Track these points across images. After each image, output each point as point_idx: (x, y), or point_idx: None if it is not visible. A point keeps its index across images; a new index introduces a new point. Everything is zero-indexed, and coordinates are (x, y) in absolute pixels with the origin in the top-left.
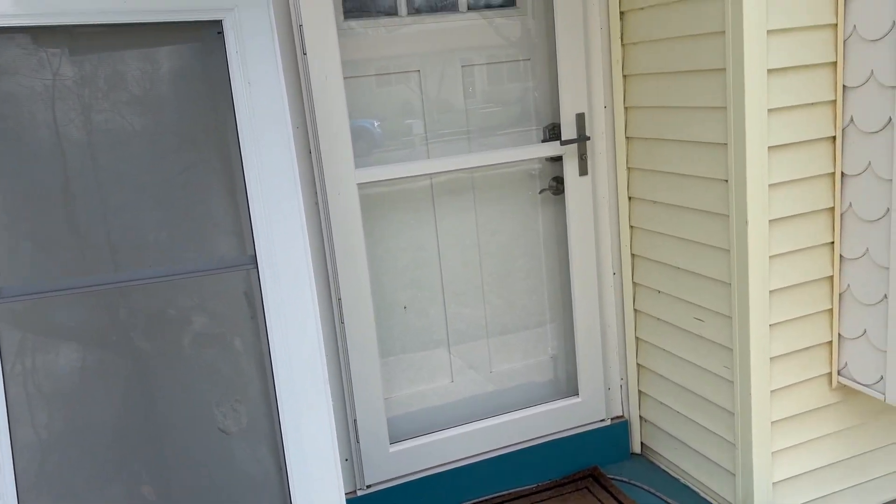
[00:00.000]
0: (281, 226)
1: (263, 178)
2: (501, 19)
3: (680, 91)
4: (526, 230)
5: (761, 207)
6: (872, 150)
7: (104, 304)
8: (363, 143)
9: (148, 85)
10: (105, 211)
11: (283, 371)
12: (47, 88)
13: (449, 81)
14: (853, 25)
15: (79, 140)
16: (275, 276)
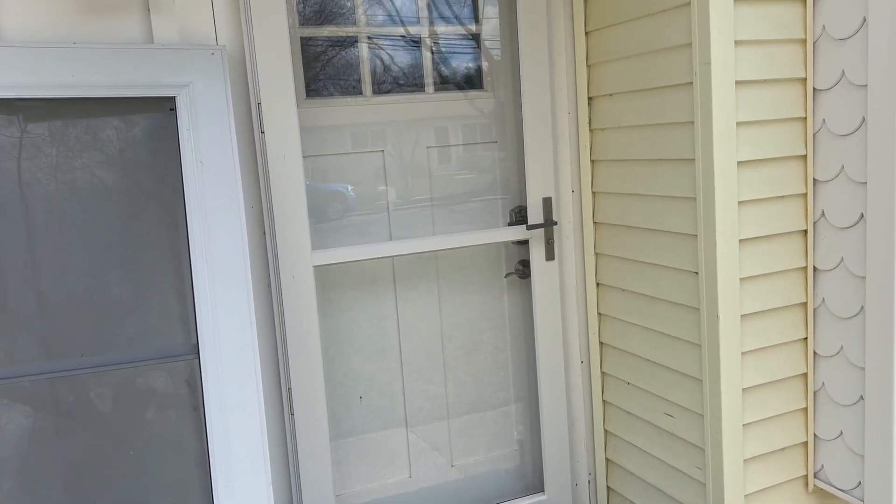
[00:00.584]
0: (227, 315)
1: (211, 263)
2: (469, 101)
3: (649, 179)
4: (491, 315)
5: (732, 301)
6: (845, 246)
7: (37, 393)
8: (337, 206)
9: (96, 163)
10: (42, 297)
11: (222, 470)
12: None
13: (414, 162)
14: (822, 119)
15: (14, 216)
16: (218, 368)
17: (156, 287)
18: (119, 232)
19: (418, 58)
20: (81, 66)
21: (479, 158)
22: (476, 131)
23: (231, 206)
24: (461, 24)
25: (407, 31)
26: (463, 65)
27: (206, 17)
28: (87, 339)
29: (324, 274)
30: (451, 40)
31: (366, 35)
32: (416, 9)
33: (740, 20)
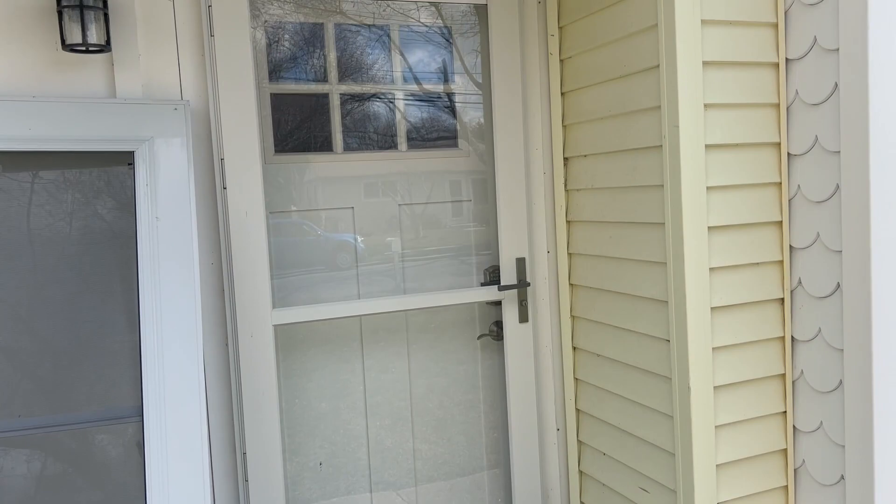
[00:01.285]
0: (175, 376)
1: (160, 322)
2: (442, 160)
3: (621, 242)
4: (463, 378)
5: (705, 371)
6: (823, 316)
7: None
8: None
9: (49, 213)
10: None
11: None
12: None
13: (385, 220)
14: (797, 185)
15: None
16: (162, 432)
17: (104, 345)
18: (68, 287)
19: (391, 115)
20: (39, 120)
21: (453, 216)
22: (449, 189)
23: (185, 263)
24: (435, 82)
25: (380, 89)
26: (437, 122)
27: (172, 73)
28: (24, 397)
29: (286, 333)
30: (426, 98)
31: (338, 93)
32: (389, 66)
33: (710, 84)
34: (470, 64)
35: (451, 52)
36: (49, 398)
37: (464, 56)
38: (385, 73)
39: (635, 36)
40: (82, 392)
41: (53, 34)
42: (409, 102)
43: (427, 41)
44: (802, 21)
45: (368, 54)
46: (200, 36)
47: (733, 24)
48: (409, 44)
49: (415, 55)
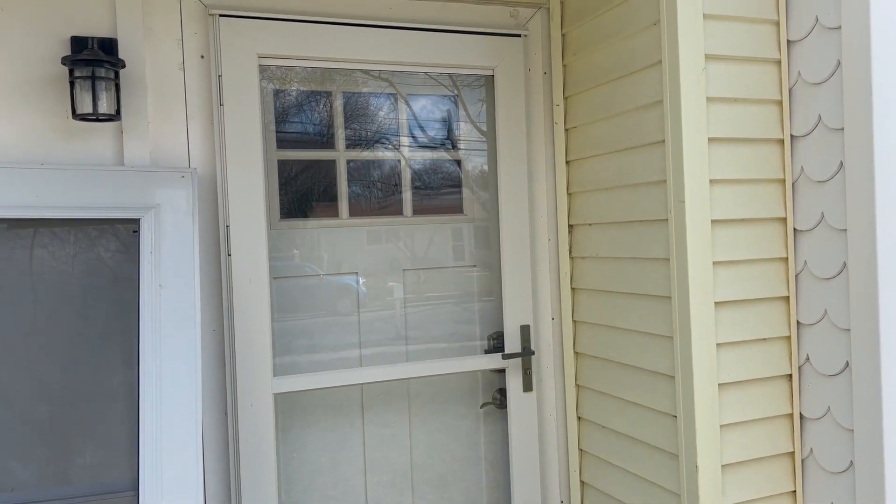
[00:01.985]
0: (172, 450)
1: (161, 393)
2: (447, 225)
3: (626, 312)
4: (465, 447)
5: (712, 449)
6: (832, 394)
7: None
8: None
9: (50, 281)
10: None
11: None
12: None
13: (388, 285)
14: (804, 261)
15: None
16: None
17: (100, 417)
18: (66, 356)
19: (396, 181)
20: (46, 188)
21: (457, 282)
22: (453, 255)
23: (187, 333)
24: (441, 149)
25: (386, 155)
26: (441, 188)
27: (181, 140)
28: (17, 469)
29: (285, 400)
30: (431, 164)
31: (344, 159)
32: (396, 134)
33: (715, 159)
34: (475, 131)
35: (456, 120)
36: (41, 471)
37: (469, 123)
38: (391, 141)
39: (641, 110)
40: (76, 464)
41: (63, 103)
42: (414, 169)
43: (432, 109)
44: (807, 99)
45: (375, 122)
46: (210, 105)
47: (738, 101)
48: (415, 112)
49: (420, 123)
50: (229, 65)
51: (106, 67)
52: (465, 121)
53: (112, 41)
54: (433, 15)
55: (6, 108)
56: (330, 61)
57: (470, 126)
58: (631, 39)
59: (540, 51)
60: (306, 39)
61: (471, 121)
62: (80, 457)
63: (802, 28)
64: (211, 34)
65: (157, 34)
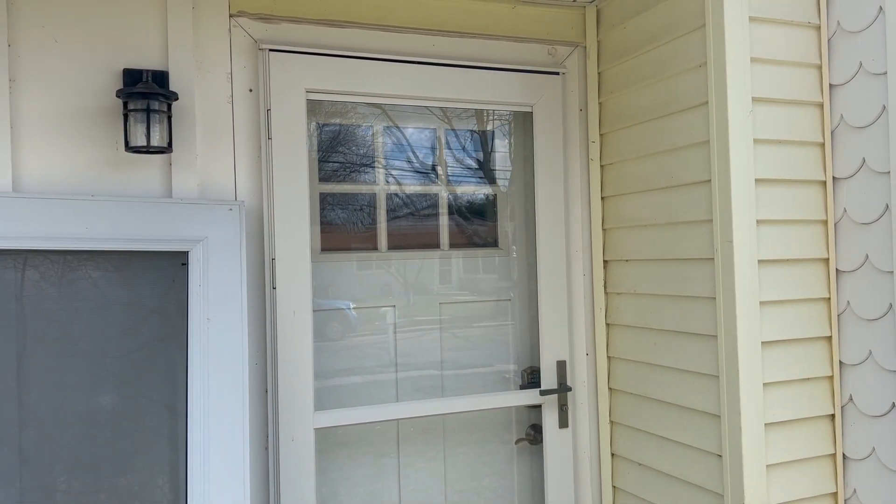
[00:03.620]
0: (219, 484)
1: (208, 426)
2: (484, 259)
3: (667, 351)
4: (499, 482)
5: (759, 491)
6: (876, 435)
7: None
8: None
9: (96, 313)
10: (24, 452)
11: None
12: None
13: (425, 318)
14: (847, 301)
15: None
16: None
17: (152, 445)
18: (119, 385)
19: (435, 216)
20: (96, 219)
21: (492, 316)
22: (490, 290)
23: (235, 367)
24: (478, 185)
25: (425, 190)
26: (479, 224)
27: (228, 173)
28: (74, 497)
29: (322, 432)
30: (469, 200)
31: (384, 192)
32: (434, 169)
33: (761, 199)
34: (511, 167)
35: (493, 156)
36: (99, 497)
37: (506, 159)
38: (429, 175)
39: (684, 149)
40: (134, 492)
41: (114, 134)
42: (451, 202)
43: (470, 145)
44: (850, 142)
45: (416, 155)
46: (257, 138)
47: (783, 142)
48: (453, 147)
49: (460, 158)
50: (278, 99)
51: (160, 100)
52: (502, 156)
53: (163, 74)
54: (475, 52)
55: (58, 140)
56: (374, 96)
57: (506, 161)
58: (674, 80)
59: (576, 88)
60: (352, 75)
61: (508, 156)
62: (136, 485)
63: (846, 72)
64: (260, 68)
65: (206, 67)
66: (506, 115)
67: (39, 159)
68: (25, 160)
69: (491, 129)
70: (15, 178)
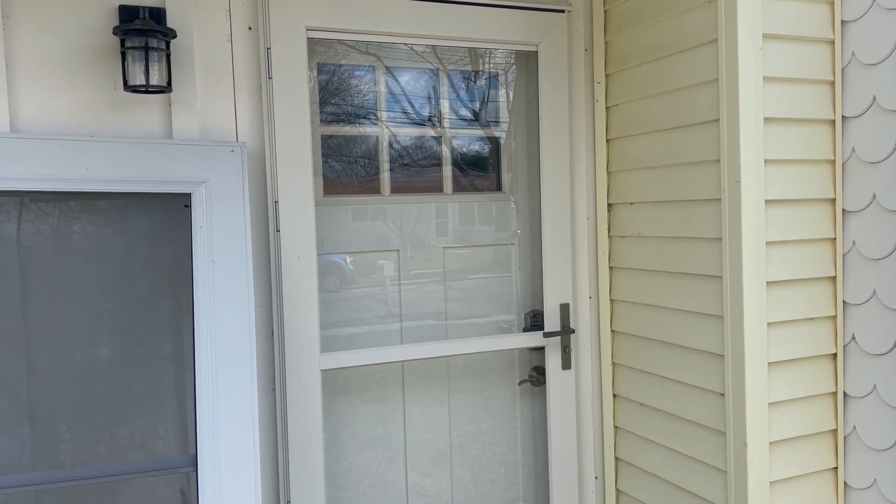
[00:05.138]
0: (229, 425)
1: (216, 369)
2: (487, 203)
3: (670, 292)
4: (503, 422)
5: (761, 427)
6: (878, 373)
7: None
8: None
9: (100, 255)
10: (32, 405)
11: None
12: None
13: (429, 263)
14: (852, 241)
15: (12, 313)
16: (215, 482)
17: (155, 393)
18: (121, 334)
19: (438, 158)
20: (97, 160)
21: (496, 260)
22: (493, 233)
23: (241, 309)
24: (482, 127)
25: (427, 132)
26: (482, 166)
27: (229, 114)
28: (78, 447)
29: (328, 375)
30: (472, 142)
31: (387, 135)
32: (437, 111)
33: (770, 139)
34: (515, 109)
35: (497, 97)
36: (99, 449)
37: (510, 100)
38: (432, 117)
39: (692, 89)
40: (135, 441)
41: (112, 74)
42: (455, 145)
43: (474, 86)
44: (860, 80)
45: (417, 97)
46: (258, 78)
47: (792, 81)
48: (458, 88)
49: (463, 99)
50: (278, 37)
51: (158, 37)
52: (505, 99)
53: (160, 10)
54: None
55: (55, 80)
56: (376, 34)
57: (510, 104)
58: (682, 17)
59: (582, 27)
60: (354, 12)
61: (512, 98)
62: (138, 434)
63: (858, 8)
64: (259, 5)
65: (204, 4)
66: (509, 56)
67: (36, 100)
68: (22, 101)
69: (494, 71)
70: (12, 120)
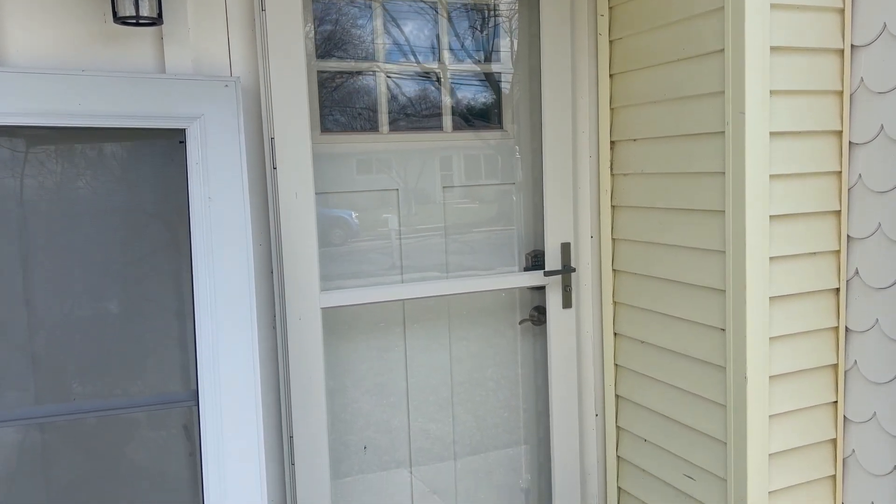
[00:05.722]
0: (230, 361)
1: (215, 305)
2: (488, 141)
3: (673, 229)
4: (503, 362)
5: (762, 361)
6: (880, 307)
7: (25, 439)
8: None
9: (95, 192)
10: (33, 340)
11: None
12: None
13: (428, 202)
14: (858, 174)
15: (8, 254)
16: (217, 418)
17: (156, 330)
18: (120, 274)
19: (437, 96)
20: (89, 95)
21: (496, 200)
22: (493, 172)
23: (239, 245)
24: (481, 63)
25: (426, 69)
26: (482, 104)
27: (222, 48)
28: (80, 382)
29: (329, 314)
30: (471, 79)
31: (384, 71)
32: (435, 47)
33: (776, 70)
34: (517, 44)
35: (498, 32)
36: (102, 384)
37: (511, 36)
38: (432, 53)
39: (697, 19)
40: (137, 376)
41: (102, 5)
42: (455, 83)
43: (475, 20)
44: (871, 7)
45: (416, 33)
46: (251, 9)
47: (801, 8)
48: (457, 22)
49: (462, 34)
50: None
51: None
52: (507, 35)
53: None
54: None
55: (42, 13)
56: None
57: (511, 40)
58: None
59: None
60: None
61: (514, 33)
62: (139, 370)
63: None
64: None
65: None
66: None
67: (24, 33)
68: (9, 34)
69: (495, 5)
70: (1, 54)
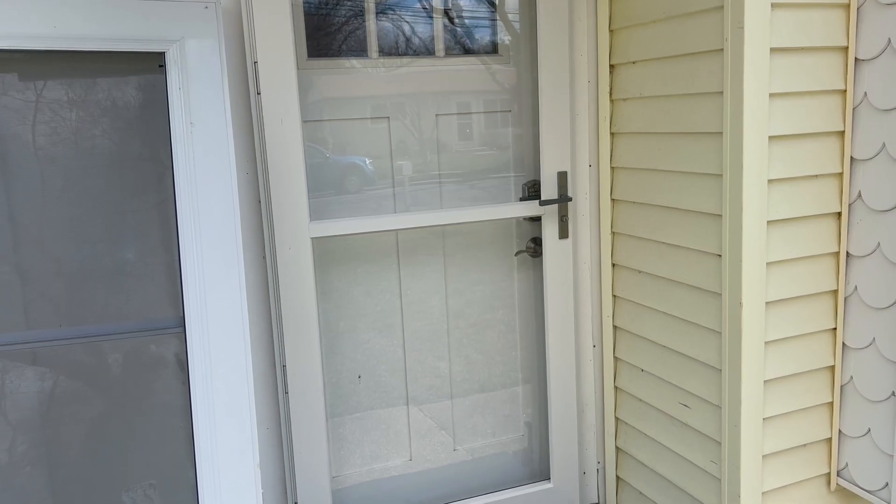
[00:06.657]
0: (215, 287)
1: (199, 232)
2: (482, 67)
3: (672, 154)
4: (500, 294)
5: (757, 287)
6: (882, 231)
7: (10, 363)
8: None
9: (76, 121)
10: (19, 265)
11: (206, 451)
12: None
13: (421, 130)
14: (864, 92)
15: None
16: (204, 343)
17: (141, 256)
18: (103, 199)
19: (429, 20)
20: (64, 16)
21: (492, 128)
22: (489, 100)
23: (222, 172)
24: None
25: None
26: (476, 28)
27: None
28: (67, 308)
29: (323, 247)
30: (464, 2)
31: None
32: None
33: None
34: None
35: None
36: (87, 309)
37: None
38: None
39: None
40: (122, 302)
41: None
42: (448, 6)
43: None
44: None
45: None
46: None
47: None
48: None
49: None
50: None
51: None
52: None
53: None
54: None
55: None
56: None
57: None
58: None
59: None
60: None
61: None
62: (125, 295)
63: None
64: None
65: None
66: None
67: None
68: None
69: None
70: None
